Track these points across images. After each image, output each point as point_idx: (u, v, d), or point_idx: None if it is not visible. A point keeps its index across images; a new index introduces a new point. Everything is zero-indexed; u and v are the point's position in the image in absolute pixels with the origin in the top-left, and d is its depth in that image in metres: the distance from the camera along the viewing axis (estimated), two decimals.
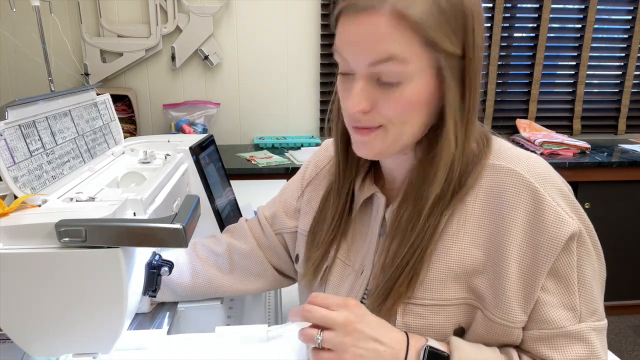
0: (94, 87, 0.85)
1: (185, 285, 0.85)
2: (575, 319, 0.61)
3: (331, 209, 0.77)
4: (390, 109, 0.59)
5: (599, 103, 2.75)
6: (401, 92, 0.58)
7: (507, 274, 0.60)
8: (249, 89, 2.50)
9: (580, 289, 0.61)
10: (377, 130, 0.62)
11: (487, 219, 0.63)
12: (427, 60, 0.58)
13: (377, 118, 0.61)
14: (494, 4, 2.52)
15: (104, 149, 0.84)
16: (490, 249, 0.62)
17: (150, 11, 2.30)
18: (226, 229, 0.94)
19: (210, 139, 1.11)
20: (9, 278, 0.55)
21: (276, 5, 2.41)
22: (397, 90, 0.58)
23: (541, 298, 0.61)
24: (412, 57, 0.56)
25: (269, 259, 0.88)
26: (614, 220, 2.30)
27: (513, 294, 0.60)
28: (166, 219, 0.55)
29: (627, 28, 2.65)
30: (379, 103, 0.60)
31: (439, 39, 0.56)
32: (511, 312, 0.60)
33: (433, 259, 0.64)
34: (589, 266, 0.62)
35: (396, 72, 0.57)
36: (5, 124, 0.59)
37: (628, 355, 2.20)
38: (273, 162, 2.12)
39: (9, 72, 2.32)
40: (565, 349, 0.61)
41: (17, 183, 0.58)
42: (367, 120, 0.61)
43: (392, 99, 0.59)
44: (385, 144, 0.63)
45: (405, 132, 0.62)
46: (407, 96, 0.58)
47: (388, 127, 0.61)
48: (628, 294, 2.44)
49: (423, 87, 0.59)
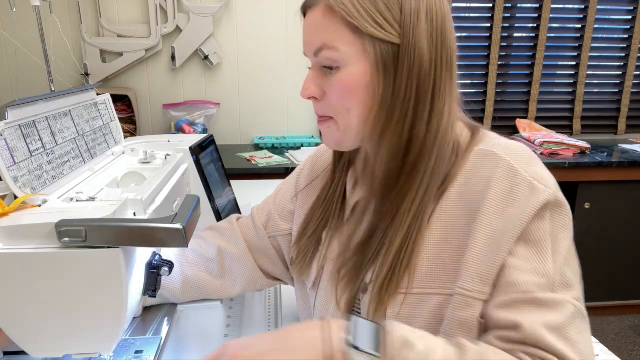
0: (94, 87, 0.85)
1: (176, 291, 0.85)
2: (547, 288, 0.55)
3: (322, 211, 0.77)
4: (334, 95, 0.64)
5: (599, 103, 2.75)
6: (339, 77, 0.63)
7: (472, 245, 0.59)
8: (249, 89, 2.50)
9: (555, 258, 0.57)
10: (330, 121, 0.67)
11: (466, 201, 0.62)
12: (358, 46, 0.61)
13: (326, 108, 0.66)
14: (494, 4, 2.52)
15: (104, 149, 0.84)
16: (469, 229, 0.61)
17: (150, 11, 2.30)
18: (213, 228, 0.91)
19: (210, 139, 1.11)
20: (9, 278, 0.55)
21: (276, 5, 2.41)
22: (336, 75, 0.63)
23: (508, 262, 0.57)
24: (342, 44, 0.61)
25: (260, 262, 0.87)
26: (614, 220, 2.30)
27: (473, 261, 0.58)
28: (166, 219, 0.55)
29: (627, 28, 2.65)
30: (327, 91, 0.65)
31: (365, 27, 0.60)
32: (467, 279, 0.58)
33: (423, 248, 0.63)
34: (565, 238, 0.59)
35: (331, 59, 0.62)
36: (5, 124, 0.59)
37: (628, 355, 2.20)
38: (273, 162, 2.12)
39: (9, 72, 2.32)
40: (533, 314, 0.54)
41: (17, 183, 0.58)
42: (319, 109, 0.67)
43: (334, 84, 0.63)
44: (340, 134, 0.67)
45: (352, 120, 0.64)
46: (344, 80, 0.62)
47: (337, 118, 0.66)
48: (628, 294, 2.44)
49: (358, 71, 0.62)
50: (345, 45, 0.61)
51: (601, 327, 2.39)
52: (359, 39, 0.61)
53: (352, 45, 0.61)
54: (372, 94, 0.63)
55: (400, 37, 0.60)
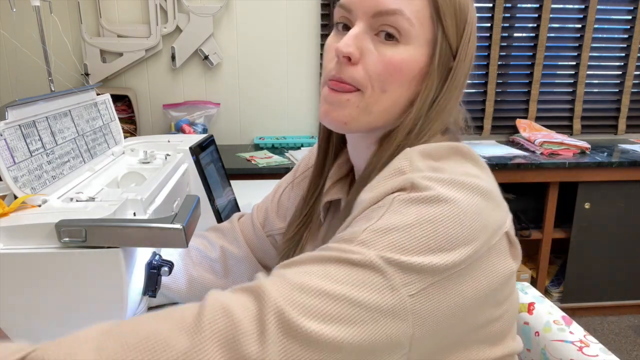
0: (94, 87, 0.85)
1: (182, 291, 0.85)
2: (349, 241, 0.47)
3: (301, 209, 0.75)
4: (378, 66, 0.57)
5: (599, 103, 2.75)
6: (394, 51, 0.57)
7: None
8: (248, 89, 2.50)
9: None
10: (353, 94, 0.59)
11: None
12: (428, 33, 0.57)
13: (358, 75, 0.58)
14: (494, 4, 2.52)
15: (104, 149, 0.84)
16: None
17: (150, 11, 2.30)
18: (216, 229, 0.91)
19: (210, 139, 1.11)
20: (9, 278, 0.55)
21: (276, 6, 2.41)
22: (391, 48, 0.57)
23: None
24: (418, 22, 0.56)
25: (262, 261, 0.87)
26: (614, 220, 2.29)
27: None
28: (166, 219, 0.55)
29: (627, 28, 2.65)
30: (368, 58, 0.57)
31: (445, 20, 0.57)
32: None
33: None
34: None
35: (399, 27, 0.56)
36: (5, 124, 0.59)
37: (628, 355, 2.20)
38: (273, 162, 2.12)
39: (9, 72, 2.32)
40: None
41: (17, 183, 0.58)
42: (349, 73, 0.58)
43: (383, 55, 0.57)
44: (356, 111, 0.59)
45: (383, 102, 0.59)
46: (398, 57, 0.57)
47: (365, 92, 0.58)
48: (628, 294, 2.44)
49: (414, 58, 0.57)
50: (419, 23, 0.56)
51: (601, 327, 2.39)
52: (432, 25, 0.57)
53: (424, 26, 0.57)
54: (415, 84, 0.59)
55: (456, 45, 0.59)
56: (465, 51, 0.60)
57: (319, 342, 0.41)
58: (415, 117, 0.59)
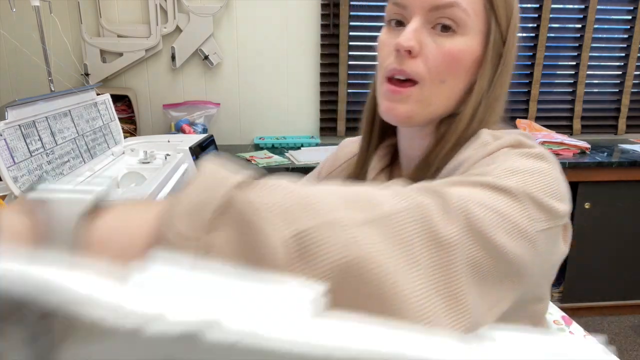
0: (94, 87, 0.85)
1: None
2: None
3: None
4: (437, 57, 0.60)
5: (599, 103, 2.75)
6: (452, 42, 0.60)
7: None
8: (249, 89, 2.50)
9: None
10: (412, 88, 0.61)
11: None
12: (482, 23, 0.61)
13: (418, 67, 0.60)
14: None
15: (104, 149, 0.84)
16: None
17: (150, 11, 2.30)
18: None
19: (210, 139, 1.11)
20: None
21: (276, 6, 2.41)
22: (449, 39, 0.60)
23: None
24: (473, 13, 0.60)
25: None
26: (614, 220, 2.29)
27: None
28: None
29: (627, 28, 2.65)
30: (426, 50, 0.60)
31: (498, 9, 0.60)
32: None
33: None
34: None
35: (456, 18, 0.59)
36: (5, 124, 0.59)
37: (628, 355, 2.20)
38: (273, 162, 2.12)
39: (9, 72, 2.32)
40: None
41: (17, 183, 0.58)
42: (409, 65, 0.60)
43: (442, 47, 0.60)
44: (417, 105, 0.61)
45: (439, 94, 0.61)
46: (455, 48, 0.60)
47: (424, 84, 0.61)
48: (628, 294, 2.44)
49: (470, 48, 0.60)
50: (474, 13, 0.60)
51: (601, 327, 2.39)
52: (486, 15, 0.60)
53: (478, 17, 0.60)
54: (471, 73, 0.62)
55: (506, 33, 0.62)
56: (513, 38, 0.63)
57: (494, 246, 0.41)
58: (475, 105, 0.62)
